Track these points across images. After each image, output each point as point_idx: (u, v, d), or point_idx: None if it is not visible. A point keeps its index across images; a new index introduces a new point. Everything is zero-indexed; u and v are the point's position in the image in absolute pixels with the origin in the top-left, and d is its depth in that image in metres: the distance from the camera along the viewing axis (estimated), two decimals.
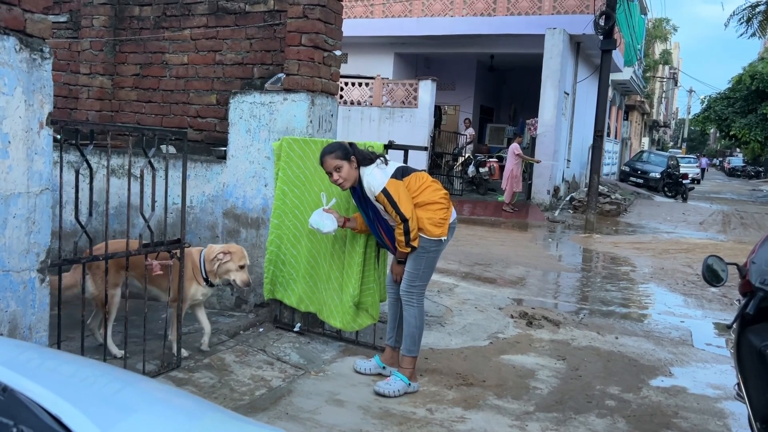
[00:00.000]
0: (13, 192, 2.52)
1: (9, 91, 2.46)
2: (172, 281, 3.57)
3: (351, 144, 3.70)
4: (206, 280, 3.77)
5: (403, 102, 15.24)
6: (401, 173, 3.59)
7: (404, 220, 3.46)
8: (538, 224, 12.67)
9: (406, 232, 3.48)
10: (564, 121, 15.97)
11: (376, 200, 3.55)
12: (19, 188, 2.54)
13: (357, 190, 3.69)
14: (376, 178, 3.52)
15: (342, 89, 15.54)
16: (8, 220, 2.52)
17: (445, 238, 3.61)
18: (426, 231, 3.54)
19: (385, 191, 3.47)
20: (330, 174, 3.61)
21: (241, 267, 3.74)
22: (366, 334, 4.43)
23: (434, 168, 16.02)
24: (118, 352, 3.65)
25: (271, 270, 4.44)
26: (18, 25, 2.48)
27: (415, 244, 3.52)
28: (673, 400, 3.85)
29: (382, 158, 3.65)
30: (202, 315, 3.95)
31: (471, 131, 17.84)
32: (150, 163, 3.27)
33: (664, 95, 45.60)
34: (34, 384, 1.30)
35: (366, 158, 3.60)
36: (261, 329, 4.49)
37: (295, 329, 4.45)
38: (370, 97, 15.59)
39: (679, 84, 50.17)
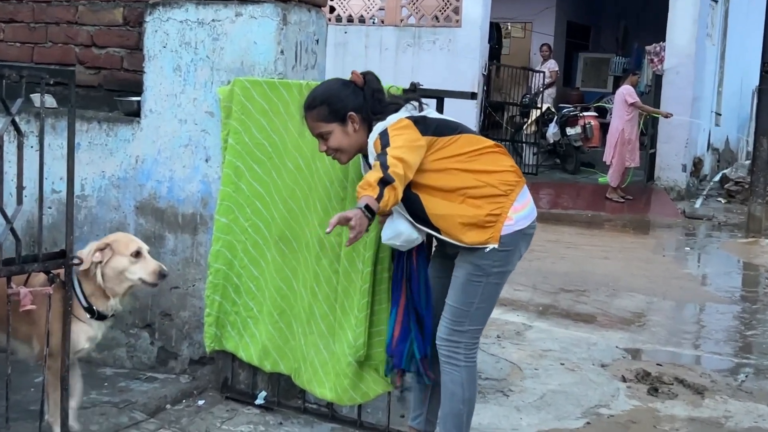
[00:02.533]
0: None
1: None
2: (51, 321, 3.59)
3: (365, 81, 3.67)
4: (89, 308, 3.79)
5: (437, 17, 15.21)
6: (434, 127, 3.61)
7: (382, 154, 3.37)
8: (666, 222, 12.64)
9: (383, 166, 3.29)
10: (710, 47, 15.85)
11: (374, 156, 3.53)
12: None
13: (366, 159, 3.75)
14: (386, 122, 3.57)
15: None
16: None
17: (510, 249, 3.62)
18: (476, 233, 3.56)
19: (383, 134, 3.49)
20: (318, 139, 3.70)
21: (137, 255, 3.81)
22: (377, 410, 4.42)
23: (489, 128, 16.03)
24: None
25: (216, 303, 4.47)
26: None
27: (389, 197, 3.24)
28: None
29: (415, 102, 3.70)
30: (74, 378, 3.94)
31: (552, 66, 17.80)
32: (14, 123, 3.28)
33: None
34: None
35: (384, 111, 3.62)
36: (201, 401, 4.50)
37: (258, 401, 4.47)
38: (381, 9, 15.57)
39: None
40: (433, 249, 4.02)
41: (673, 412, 4.98)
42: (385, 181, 3.25)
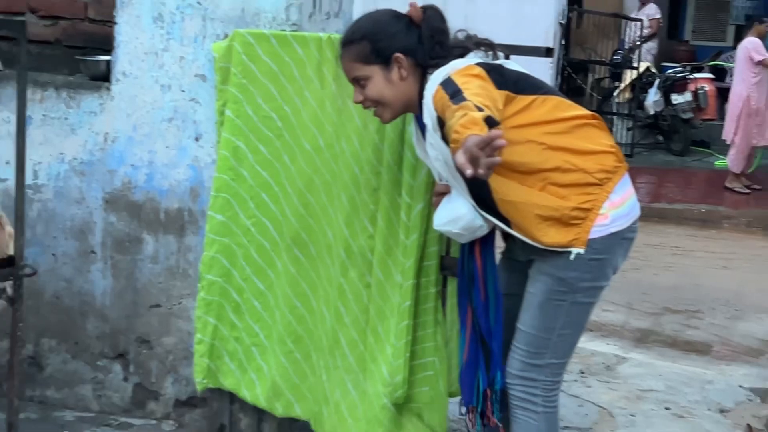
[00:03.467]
0: None
1: None
2: None
3: (425, 16, 3.66)
4: None
5: None
6: (513, 80, 3.56)
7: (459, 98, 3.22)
8: None
9: (477, 107, 3.13)
10: None
11: (436, 125, 3.46)
12: None
13: (419, 122, 3.71)
14: (446, 69, 3.50)
15: None
16: None
17: (602, 257, 3.60)
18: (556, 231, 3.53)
19: (447, 82, 3.38)
20: (354, 86, 3.75)
21: None
22: None
23: (569, 95, 15.82)
24: None
25: (210, 327, 4.49)
26: None
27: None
28: None
29: (487, 48, 3.66)
30: None
31: (652, 13, 17.65)
32: None
33: None
34: None
35: (444, 55, 3.59)
36: None
37: None
38: None
39: None
40: (499, 255, 3.97)
41: None
42: (491, 121, 3.02)
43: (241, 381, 4.50)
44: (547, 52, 4.34)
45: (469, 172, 2.84)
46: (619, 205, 3.57)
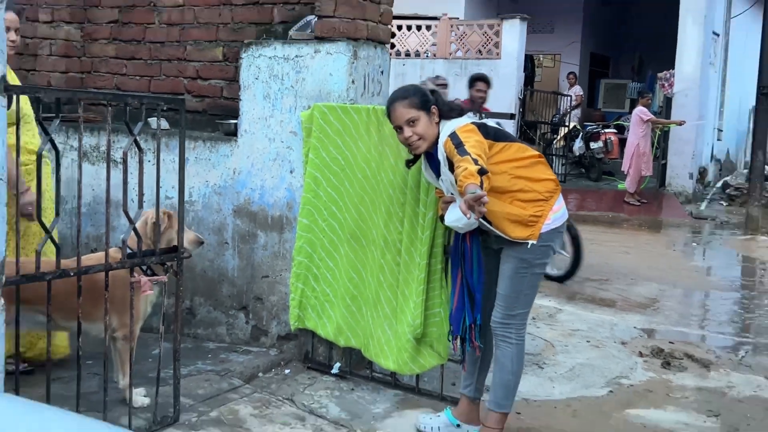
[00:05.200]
0: None
1: None
2: (137, 301, 3.58)
3: (433, 91, 3.73)
4: (148, 271, 3.64)
5: (480, 51, 15.14)
6: (493, 133, 3.60)
7: (463, 151, 3.30)
8: (676, 222, 12.45)
9: (474, 160, 3.22)
10: (713, 73, 15.55)
11: (446, 162, 3.48)
12: None
13: (433, 157, 3.68)
14: (452, 124, 3.53)
15: (394, 36, 15.57)
16: None
17: (548, 244, 3.63)
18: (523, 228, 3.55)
19: (453, 135, 3.42)
20: (399, 130, 3.62)
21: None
22: (432, 379, 4.44)
23: (525, 142, 15.88)
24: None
25: (299, 289, 4.55)
26: None
27: (486, 185, 3.19)
28: None
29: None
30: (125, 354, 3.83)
31: (578, 90, 17.61)
32: (136, 142, 3.35)
33: None
34: None
35: (452, 109, 3.65)
36: (287, 371, 4.58)
37: (334, 371, 4.53)
38: (434, 45, 15.55)
39: None
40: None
41: (683, 383, 4.93)
42: (482, 172, 3.14)
43: (318, 324, 4.55)
44: (512, 116, 4.35)
45: (467, 216, 3.03)
46: (556, 211, 3.64)
